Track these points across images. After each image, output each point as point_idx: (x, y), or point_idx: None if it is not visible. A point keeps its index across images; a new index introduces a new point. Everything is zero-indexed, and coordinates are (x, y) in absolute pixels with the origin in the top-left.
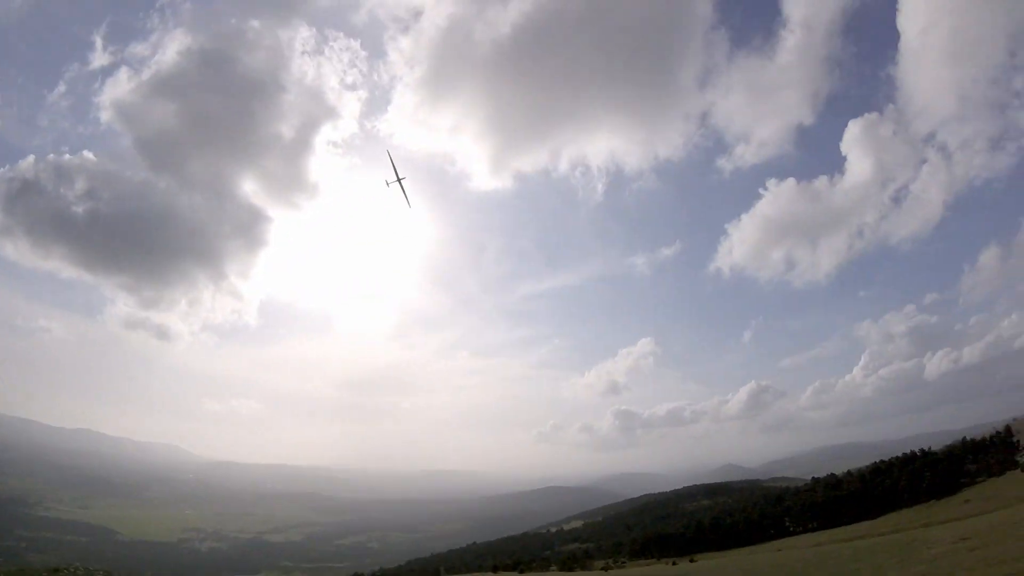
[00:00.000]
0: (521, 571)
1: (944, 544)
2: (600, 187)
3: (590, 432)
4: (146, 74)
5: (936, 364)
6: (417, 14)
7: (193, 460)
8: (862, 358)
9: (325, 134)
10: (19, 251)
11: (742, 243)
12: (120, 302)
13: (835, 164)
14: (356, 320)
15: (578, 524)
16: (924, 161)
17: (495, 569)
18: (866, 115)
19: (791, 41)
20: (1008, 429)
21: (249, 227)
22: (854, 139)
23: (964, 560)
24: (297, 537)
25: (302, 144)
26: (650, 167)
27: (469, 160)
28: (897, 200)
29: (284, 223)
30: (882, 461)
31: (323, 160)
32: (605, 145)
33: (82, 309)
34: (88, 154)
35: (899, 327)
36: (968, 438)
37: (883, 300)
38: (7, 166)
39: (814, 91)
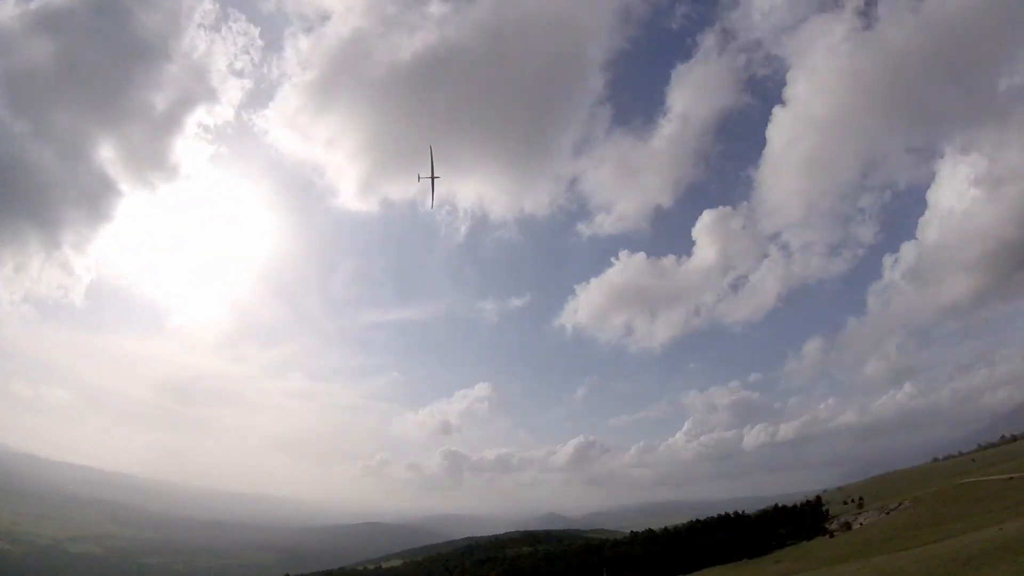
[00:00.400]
0: None
1: None
2: (463, 229)
3: (417, 470)
4: (35, 3)
5: (754, 436)
6: (324, 18)
7: None
8: (686, 424)
9: (199, 116)
10: None
11: (588, 305)
12: None
13: (684, 246)
14: (189, 320)
15: (397, 563)
16: (766, 256)
17: None
18: (720, 207)
19: (667, 129)
20: (818, 499)
21: (97, 197)
22: (706, 227)
23: None
24: (97, 550)
25: (172, 121)
26: (514, 218)
27: (339, 177)
28: (735, 287)
29: (134, 202)
30: (698, 520)
31: (190, 143)
32: (475, 190)
33: None
34: None
35: (723, 399)
36: (780, 504)
37: (711, 373)
38: None
39: (678, 178)
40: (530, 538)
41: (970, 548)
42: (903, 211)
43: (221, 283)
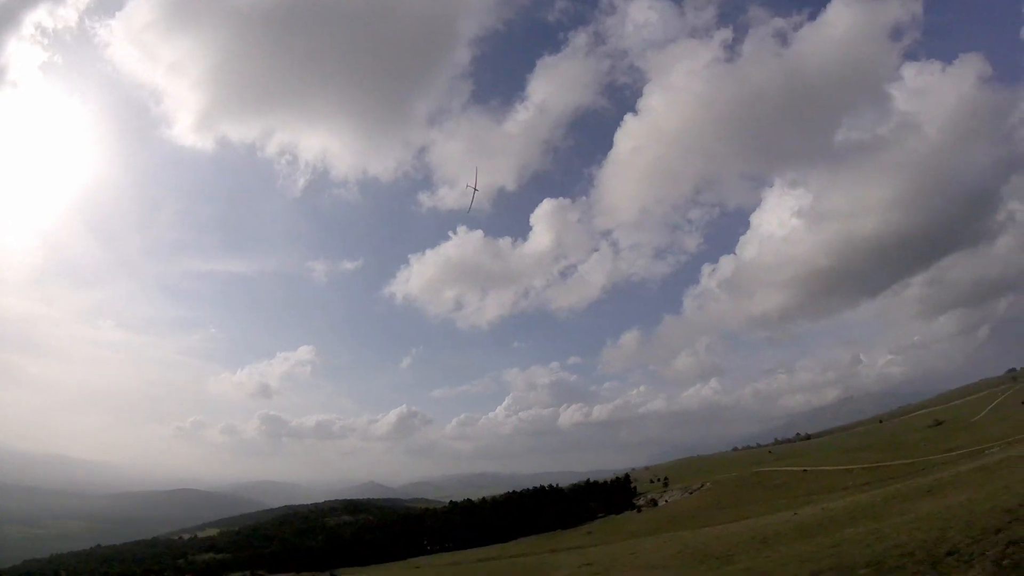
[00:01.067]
0: None
1: (569, 568)
2: (302, 182)
3: (233, 434)
4: None
5: (570, 415)
6: None
7: None
8: (506, 400)
9: (39, 15)
10: None
11: (421, 276)
12: None
13: (522, 230)
14: None
15: (214, 532)
16: (596, 250)
17: None
18: (561, 199)
19: (523, 115)
20: (627, 477)
21: None
22: (545, 214)
23: None
24: None
25: (8, 15)
26: (356, 179)
27: (177, 106)
28: (565, 275)
29: None
30: (515, 492)
31: (24, 45)
32: (320, 142)
33: None
34: None
35: (543, 379)
36: (592, 480)
37: (533, 354)
38: None
39: (525, 163)
40: (350, 507)
41: (766, 528)
42: (728, 228)
43: (31, 210)
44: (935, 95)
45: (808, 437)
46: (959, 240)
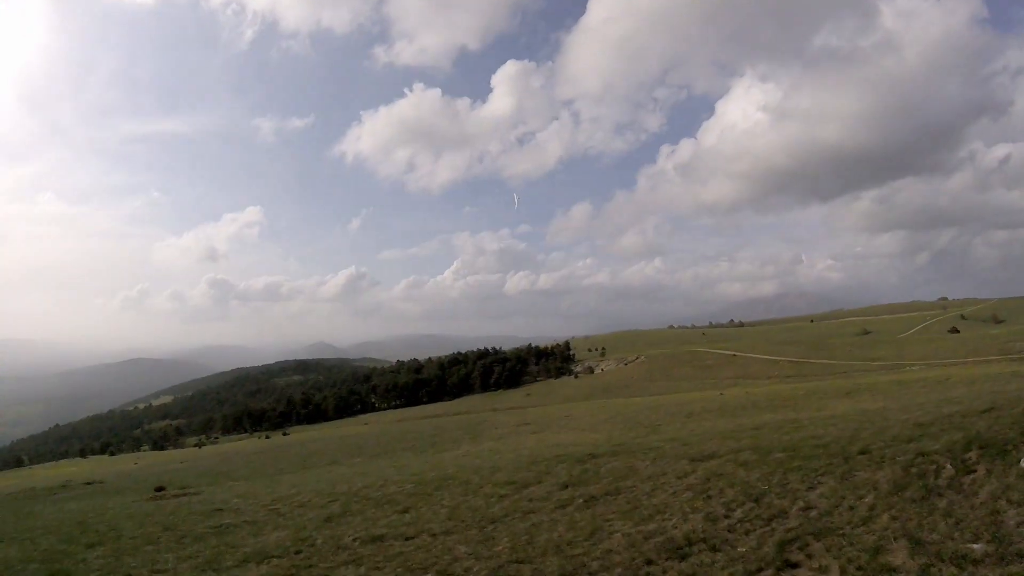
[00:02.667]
0: (111, 453)
1: (508, 426)
2: (249, 34)
3: (181, 300)
4: None
5: (516, 282)
6: None
7: None
8: (454, 264)
9: None
10: None
11: (373, 134)
12: None
13: (481, 92)
14: None
15: (168, 400)
16: (556, 119)
17: (83, 453)
18: (525, 62)
19: None
20: (567, 344)
21: None
22: (507, 77)
23: (524, 440)
24: None
25: None
26: (308, 31)
27: None
28: (522, 142)
29: None
30: (459, 353)
31: None
32: None
33: None
34: None
35: (492, 245)
36: (533, 345)
37: (484, 220)
38: None
39: (490, 23)
40: (300, 367)
41: (693, 404)
42: (691, 112)
43: None
44: (924, 21)
45: (741, 325)
46: (916, 166)
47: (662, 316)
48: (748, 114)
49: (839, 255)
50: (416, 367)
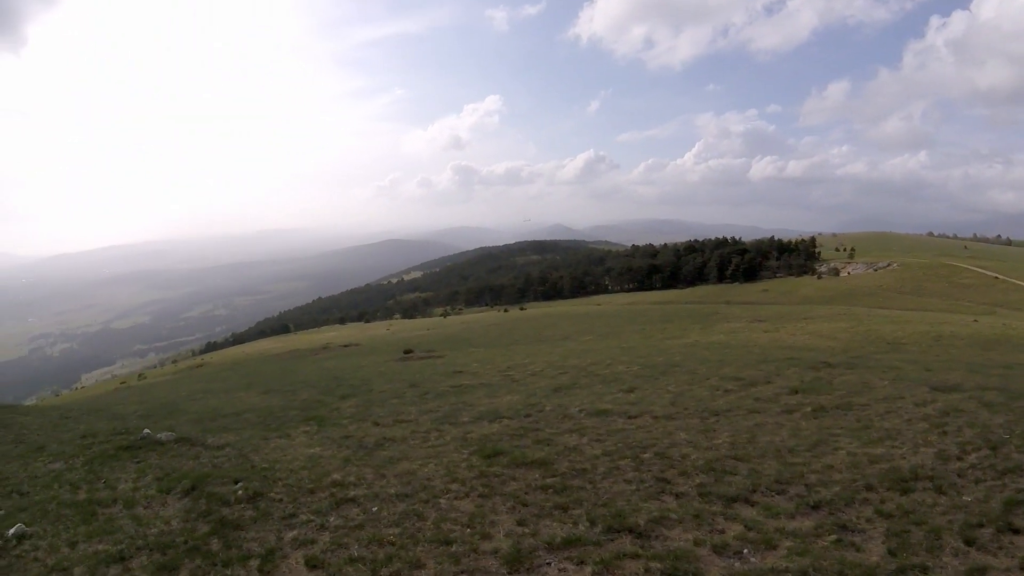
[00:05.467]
0: (367, 321)
1: (741, 321)
2: None
3: (429, 187)
4: None
5: (762, 168)
6: None
7: (20, 264)
8: (696, 146)
9: None
10: None
11: (606, 13)
12: None
13: None
14: (182, 72)
15: (417, 275)
16: None
17: (342, 321)
18: None
19: None
20: (813, 240)
21: None
22: None
23: (756, 337)
24: (144, 318)
25: None
26: None
27: None
28: (770, 10)
29: None
30: (696, 240)
31: None
32: None
33: None
34: None
35: (737, 127)
36: (776, 238)
37: (728, 99)
38: None
39: None
40: (538, 247)
41: (943, 326)
42: None
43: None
44: None
45: (1009, 243)
46: None
47: (922, 219)
48: None
49: None
50: (651, 252)
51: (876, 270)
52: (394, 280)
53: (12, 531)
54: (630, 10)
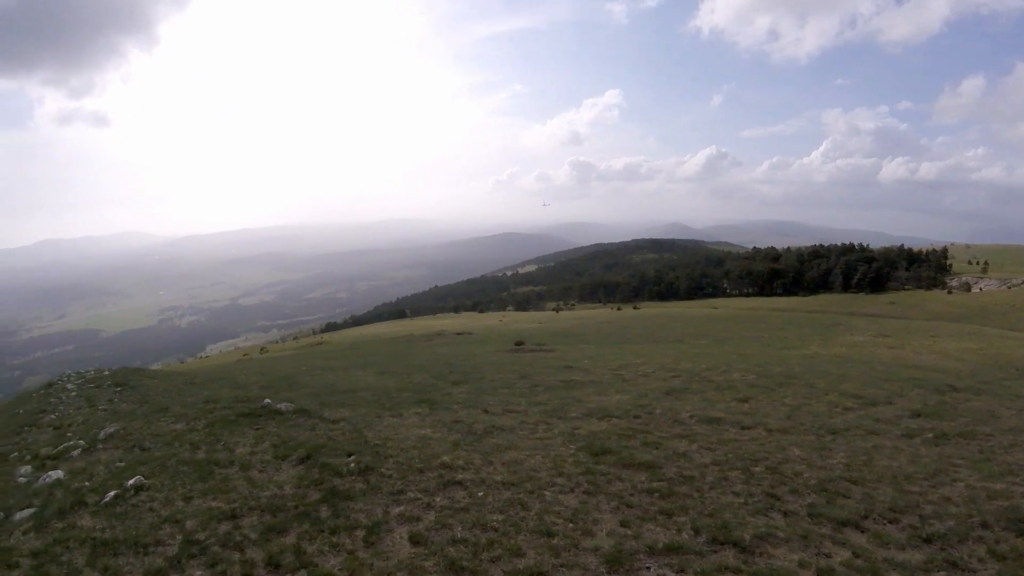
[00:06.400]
0: (480, 311)
1: (865, 334)
2: None
3: (546, 181)
4: None
5: (893, 169)
6: None
7: (155, 242)
8: (823, 144)
9: None
10: None
11: (728, 4)
12: (48, 99)
13: None
14: (307, 69)
15: (532, 269)
16: None
17: (456, 310)
18: None
19: None
20: (945, 251)
21: None
22: None
23: (881, 354)
24: (269, 297)
25: None
26: None
27: None
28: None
29: None
30: (821, 245)
31: None
32: None
33: (8, 120)
34: None
35: (867, 124)
36: (905, 246)
37: (858, 94)
38: None
39: None
40: (655, 246)
41: None
42: None
43: (322, 15)
44: None
45: None
46: None
47: None
48: None
49: None
50: (773, 256)
51: (1010, 287)
52: (509, 272)
53: (131, 482)
54: (752, 2)
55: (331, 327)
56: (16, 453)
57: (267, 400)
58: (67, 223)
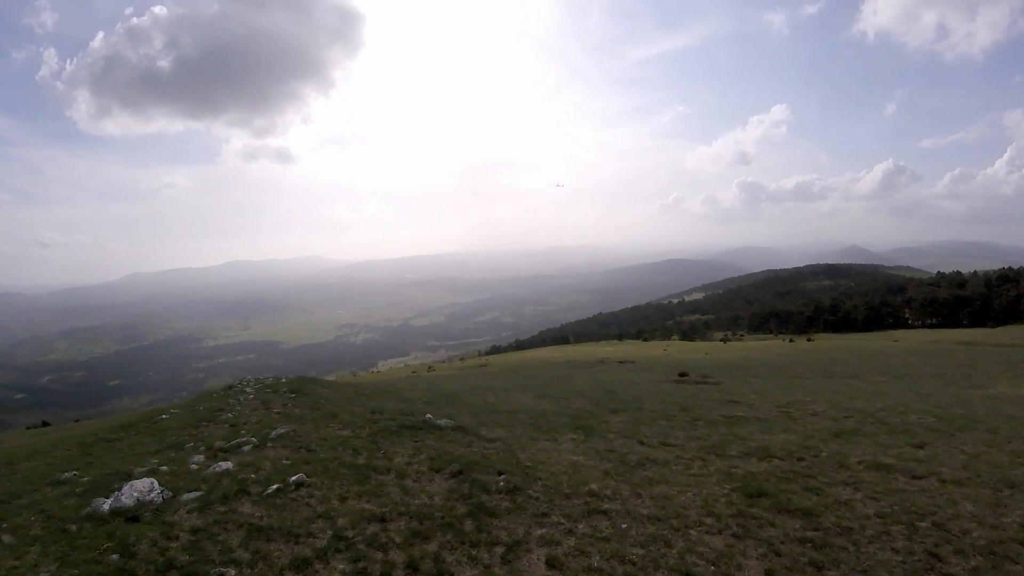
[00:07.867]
0: (644, 339)
1: None
2: None
3: (713, 204)
4: None
5: None
6: None
7: (334, 266)
8: (1008, 151)
9: None
10: (121, 125)
11: (890, 3)
12: (234, 139)
13: None
14: (468, 102)
15: (699, 296)
16: None
17: (620, 337)
18: None
19: None
20: None
21: (342, 30)
22: None
23: None
24: (439, 319)
25: None
26: None
27: None
28: None
29: (378, 18)
30: (1011, 269)
31: None
32: None
33: (200, 156)
34: (157, 8)
35: None
36: None
37: None
38: (80, 54)
39: None
40: (830, 271)
41: None
42: None
43: (483, 58)
44: None
45: None
46: None
47: None
48: None
49: None
50: (959, 281)
51: None
52: (675, 300)
53: (293, 478)
54: None
55: (495, 349)
56: (192, 444)
57: (428, 415)
58: (254, 247)
